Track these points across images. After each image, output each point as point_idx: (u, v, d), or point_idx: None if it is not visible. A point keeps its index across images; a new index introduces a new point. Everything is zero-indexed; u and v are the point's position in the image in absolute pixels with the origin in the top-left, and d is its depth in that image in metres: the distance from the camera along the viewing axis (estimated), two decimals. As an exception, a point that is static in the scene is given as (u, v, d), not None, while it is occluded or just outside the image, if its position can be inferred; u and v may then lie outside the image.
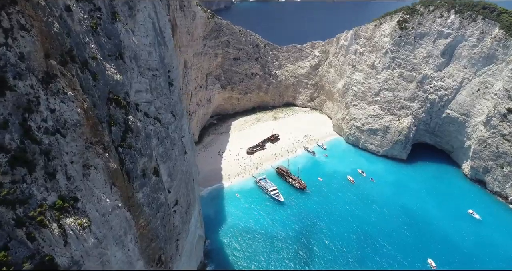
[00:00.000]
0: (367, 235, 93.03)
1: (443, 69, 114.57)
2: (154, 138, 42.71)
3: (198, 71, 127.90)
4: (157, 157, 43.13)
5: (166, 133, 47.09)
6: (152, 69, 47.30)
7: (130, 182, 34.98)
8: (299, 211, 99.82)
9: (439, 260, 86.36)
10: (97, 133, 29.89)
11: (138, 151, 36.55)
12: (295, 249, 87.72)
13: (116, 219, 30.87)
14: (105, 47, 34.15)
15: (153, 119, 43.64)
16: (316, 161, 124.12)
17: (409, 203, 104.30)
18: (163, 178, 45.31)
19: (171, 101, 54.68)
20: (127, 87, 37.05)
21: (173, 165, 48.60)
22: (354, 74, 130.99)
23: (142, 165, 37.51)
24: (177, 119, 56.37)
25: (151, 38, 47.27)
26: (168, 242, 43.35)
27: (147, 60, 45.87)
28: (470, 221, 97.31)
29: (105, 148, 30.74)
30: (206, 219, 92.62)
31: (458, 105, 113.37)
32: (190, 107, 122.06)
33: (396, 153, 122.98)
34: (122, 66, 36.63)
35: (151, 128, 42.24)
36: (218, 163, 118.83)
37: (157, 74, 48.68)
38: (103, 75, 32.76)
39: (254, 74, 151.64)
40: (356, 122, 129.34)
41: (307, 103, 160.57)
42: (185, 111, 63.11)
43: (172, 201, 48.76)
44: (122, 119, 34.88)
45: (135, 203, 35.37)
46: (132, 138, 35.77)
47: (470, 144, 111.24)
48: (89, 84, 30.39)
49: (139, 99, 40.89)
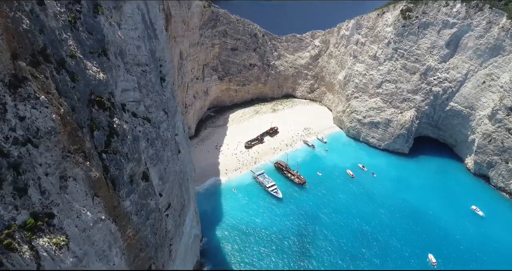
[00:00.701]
0: (368, 231, 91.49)
1: (447, 60, 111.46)
2: (143, 140, 40.19)
3: (195, 62, 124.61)
4: (147, 160, 40.69)
5: (157, 134, 44.55)
6: (141, 65, 44.50)
7: (115, 190, 32.61)
8: (298, 207, 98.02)
9: (440, 256, 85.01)
10: (76, 140, 27.36)
11: (124, 156, 34.09)
12: (293, 247, 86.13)
13: (99, 233, 28.58)
14: (85, 43, 31.32)
15: (142, 119, 41.04)
16: (316, 155, 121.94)
17: (411, 199, 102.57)
18: (154, 181, 42.97)
19: (163, 98, 51.98)
20: (111, 86, 34.35)
21: (164, 167, 46.20)
22: (356, 65, 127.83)
23: (129, 170, 35.09)
24: (169, 116, 53.77)
25: (140, 31, 44.34)
26: (159, 249, 41.27)
27: (136, 55, 43.05)
28: (473, 217, 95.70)
29: (86, 156, 28.24)
30: (203, 215, 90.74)
31: (463, 98, 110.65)
32: (187, 99, 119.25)
33: (397, 147, 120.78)
34: (106, 63, 33.86)
35: (140, 130, 39.67)
36: (216, 158, 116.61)
37: (147, 70, 45.89)
38: (84, 74, 30.04)
39: (252, 65, 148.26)
40: (357, 115, 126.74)
41: (307, 95, 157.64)
42: (178, 108, 60.49)
43: (164, 205, 46.54)
44: (106, 122, 32.29)
45: (122, 213, 33.08)
46: (117, 142, 33.26)
47: (474, 138, 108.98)
48: (67, 86, 27.72)
49: (126, 98, 38.22)
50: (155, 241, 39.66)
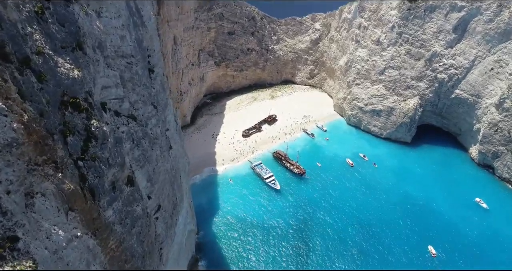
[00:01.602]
0: (368, 223, 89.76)
1: (454, 46, 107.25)
2: (128, 141, 37.15)
3: (190, 47, 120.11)
4: (132, 163, 37.79)
5: (144, 132, 41.47)
6: (126, 57, 41.04)
7: (95, 201, 29.78)
8: (297, 199, 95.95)
9: (440, 248, 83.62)
10: (45, 149, 24.30)
11: (105, 162, 31.12)
12: (292, 240, 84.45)
13: (74, 253, 25.91)
14: (56, 37, 27.82)
15: (126, 118, 37.88)
16: (316, 144, 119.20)
17: (413, 190, 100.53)
18: (141, 184, 40.22)
19: (152, 91, 48.68)
20: (89, 84, 31.05)
21: (153, 168, 43.34)
22: (358, 51, 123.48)
23: (111, 177, 32.20)
24: (159, 111, 50.58)
25: (124, 19, 40.66)
26: (147, 257, 38.89)
27: (119, 47, 39.54)
28: (477, 210, 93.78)
29: (57, 166, 25.24)
30: (199, 208, 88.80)
31: (469, 85, 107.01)
32: (182, 86, 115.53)
33: (400, 136, 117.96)
34: (81, 59, 30.42)
35: (124, 130, 36.57)
36: (212, 147, 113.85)
37: (132, 62, 42.45)
38: (54, 73, 26.70)
39: (250, 50, 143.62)
40: (358, 102, 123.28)
41: (307, 81, 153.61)
42: (169, 100, 57.15)
43: (154, 207, 43.94)
44: (83, 126, 29.15)
45: (103, 224, 30.37)
46: (96, 147, 30.21)
47: (479, 127, 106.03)
48: (32, 88, 24.43)
49: (107, 96, 34.93)
50: (142, 250, 37.21)
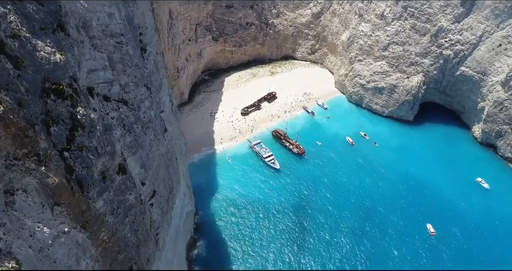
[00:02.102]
0: (368, 203, 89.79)
1: (461, 20, 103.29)
2: (118, 128, 35.49)
3: (186, 21, 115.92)
4: (124, 150, 36.31)
5: (136, 117, 39.72)
6: (115, 36, 38.70)
7: (83, 192, 28.50)
8: (297, 179, 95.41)
9: (440, 227, 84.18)
10: (25, 142, 22.73)
11: (93, 151, 29.58)
12: (291, 220, 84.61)
13: (62, 249, 24.91)
14: (34, 18, 25.56)
15: (116, 102, 36.03)
16: (316, 122, 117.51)
17: (413, 169, 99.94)
18: (134, 171, 38.93)
19: (145, 72, 46.51)
20: (73, 68, 29.02)
21: (146, 153, 41.90)
22: (361, 25, 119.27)
23: (100, 166, 30.78)
24: (153, 92, 48.59)
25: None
26: (142, 245, 38.20)
27: (107, 25, 37.13)
28: (478, 190, 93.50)
29: (40, 159, 23.76)
30: (197, 188, 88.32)
31: (475, 62, 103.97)
32: (178, 63, 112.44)
33: (402, 114, 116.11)
34: (64, 41, 28.25)
35: (114, 116, 34.82)
36: (210, 126, 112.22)
37: (122, 41, 40.12)
38: (33, 58, 24.65)
39: (249, 24, 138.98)
40: (360, 79, 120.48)
41: (307, 56, 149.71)
42: (164, 80, 54.88)
43: (148, 193, 42.87)
44: (67, 114, 27.38)
45: (93, 216, 29.27)
46: (83, 136, 28.58)
47: (484, 106, 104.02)
48: (8, 76, 22.48)
49: (95, 80, 32.94)
50: (136, 239, 36.40)
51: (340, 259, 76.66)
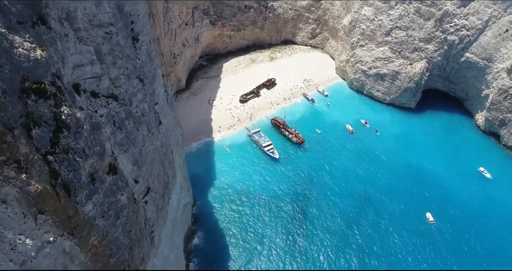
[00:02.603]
0: (368, 192, 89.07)
1: (467, 4, 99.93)
2: (108, 125, 33.79)
3: (183, 5, 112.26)
4: (114, 148, 34.72)
5: (127, 112, 37.94)
6: (103, 26, 36.50)
7: (70, 197, 27.07)
8: (296, 168, 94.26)
9: (439, 216, 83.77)
10: (3, 148, 21.14)
11: (80, 153, 28.01)
12: (290, 210, 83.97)
13: (47, 260, 23.68)
14: (10, 11, 23.50)
15: (105, 98, 34.20)
16: (316, 110, 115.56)
17: (415, 158, 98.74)
18: (127, 169, 37.48)
19: (137, 63, 44.43)
20: (56, 65, 27.11)
21: (139, 150, 40.34)
22: (363, 9, 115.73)
23: (89, 168, 29.26)
24: (146, 84, 46.66)
25: (99, -18, 35.64)
26: (136, 246, 37.12)
27: (95, 15, 34.89)
28: (480, 179, 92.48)
29: (20, 166, 22.22)
30: (195, 178, 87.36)
31: (481, 48, 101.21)
32: (175, 49, 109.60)
33: (404, 101, 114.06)
34: (45, 35, 26.22)
35: (103, 113, 33.06)
36: (208, 113, 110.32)
37: (112, 31, 37.94)
38: (10, 56, 22.73)
39: (248, 7, 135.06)
40: (362, 65, 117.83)
41: (308, 41, 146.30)
42: (158, 70, 52.68)
43: (142, 191, 41.55)
44: (51, 115, 25.66)
45: (81, 221, 27.98)
46: (69, 137, 26.95)
47: (488, 93, 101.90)
48: (-19, 77, 20.75)
49: (81, 76, 31.02)
50: (129, 240, 35.26)
51: (340, 247, 76.47)
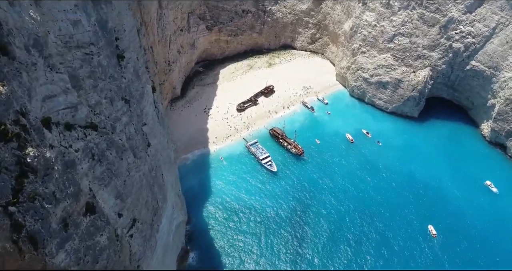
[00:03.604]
0: (370, 207, 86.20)
1: (474, 10, 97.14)
2: (85, 160, 30.71)
3: (178, 10, 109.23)
4: (93, 184, 31.64)
5: (109, 141, 34.86)
6: (82, 46, 33.53)
7: (37, 250, 23.97)
8: (295, 182, 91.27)
9: (443, 230, 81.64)
10: None
11: (49, 198, 24.92)
12: (288, 227, 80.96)
13: None
14: (-39, 42, 20.53)
15: (82, 129, 31.10)
16: (315, 119, 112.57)
17: (418, 170, 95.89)
18: (108, 204, 34.42)
19: (122, 82, 41.41)
20: (21, 100, 24.08)
21: (123, 180, 37.27)
22: (365, 14, 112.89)
23: (61, 213, 26.17)
24: (133, 104, 43.63)
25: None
26: (118, 288, 34.09)
27: (72, 36, 31.92)
28: (486, 193, 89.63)
29: (-29, 227, 19.15)
30: (189, 192, 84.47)
31: (487, 56, 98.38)
32: (170, 56, 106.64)
33: (407, 110, 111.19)
34: (7, 67, 23.23)
35: (78, 147, 29.96)
36: (204, 123, 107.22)
37: (93, 52, 34.95)
38: (-40, 97, 19.77)
39: (245, 12, 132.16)
40: (363, 72, 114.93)
41: (307, 46, 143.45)
42: (147, 88, 49.53)
43: (127, 224, 38.49)
44: (13, 159, 22.59)
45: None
46: (36, 182, 23.87)
47: (494, 103, 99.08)
48: None
49: (53, 108, 27.93)
50: (109, 285, 32.18)
51: (341, 265, 73.73)
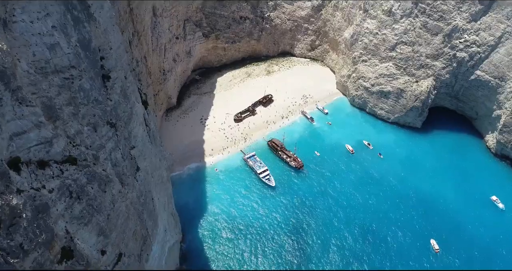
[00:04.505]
0: (371, 225, 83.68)
1: (479, 19, 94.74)
2: (61, 200, 27.87)
3: (173, 18, 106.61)
4: (71, 225, 28.82)
5: (90, 174, 32.04)
6: (61, 71, 30.90)
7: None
8: (293, 198, 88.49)
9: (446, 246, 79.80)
10: None
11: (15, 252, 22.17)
12: (286, 245, 78.63)
13: None
14: None
15: (58, 166, 28.30)
16: (315, 130, 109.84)
17: (421, 184, 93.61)
18: (89, 243, 31.58)
19: (108, 105, 38.65)
20: (-18, 142, 21.30)
21: (107, 215, 34.41)
22: (366, 22, 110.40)
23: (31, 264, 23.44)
24: (120, 127, 40.88)
25: (56, 18, 30.06)
26: None
27: (48, 60, 29.29)
28: (492, 209, 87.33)
29: None
30: (184, 208, 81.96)
31: (492, 66, 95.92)
32: (165, 64, 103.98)
33: (409, 121, 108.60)
34: (-36, 106, 20.51)
35: (53, 187, 27.16)
36: (200, 134, 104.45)
37: (73, 75, 32.28)
38: None
39: (243, 18, 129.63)
40: (364, 81, 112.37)
41: (307, 53, 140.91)
42: (135, 108, 46.63)
43: (111, 261, 35.56)
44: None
45: None
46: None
47: (500, 114, 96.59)
48: None
49: (23, 146, 25.18)
50: None
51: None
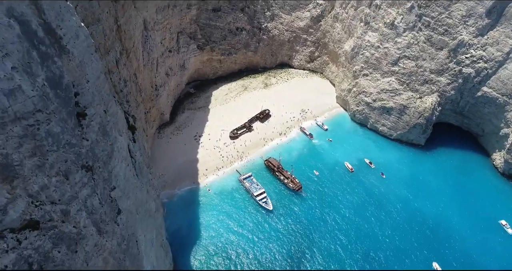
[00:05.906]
0: (373, 250, 79.65)
1: (486, 33, 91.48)
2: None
3: (166, 31, 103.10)
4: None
5: (56, 237, 28.12)
6: (24, 118, 27.31)
7: None
8: (292, 222, 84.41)
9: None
10: None
11: None
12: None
13: None
14: None
15: (15, 235, 24.35)
16: (314, 147, 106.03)
17: (426, 207, 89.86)
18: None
19: (83, 147, 34.79)
20: None
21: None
22: (367, 34, 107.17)
23: None
24: (97, 170, 37.03)
25: (17, 58, 26.42)
26: None
27: (6, 109, 25.63)
28: (500, 234, 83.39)
29: None
30: (176, 234, 78.68)
31: (500, 82, 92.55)
32: (157, 79, 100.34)
33: (412, 138, 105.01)
34: None
35: (6, 263, 23.23)
36: (194, 152, 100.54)
37: (39, 120, 28.55)
38: None
39: (239, 29, 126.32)
40: (365, 97, 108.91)
41: (306, 65, 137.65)
42: (118, 143, 42.85)
43: None
44: None
45: None
46: None
47: (508, 133, 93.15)
48: None
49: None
50: None
51: None
